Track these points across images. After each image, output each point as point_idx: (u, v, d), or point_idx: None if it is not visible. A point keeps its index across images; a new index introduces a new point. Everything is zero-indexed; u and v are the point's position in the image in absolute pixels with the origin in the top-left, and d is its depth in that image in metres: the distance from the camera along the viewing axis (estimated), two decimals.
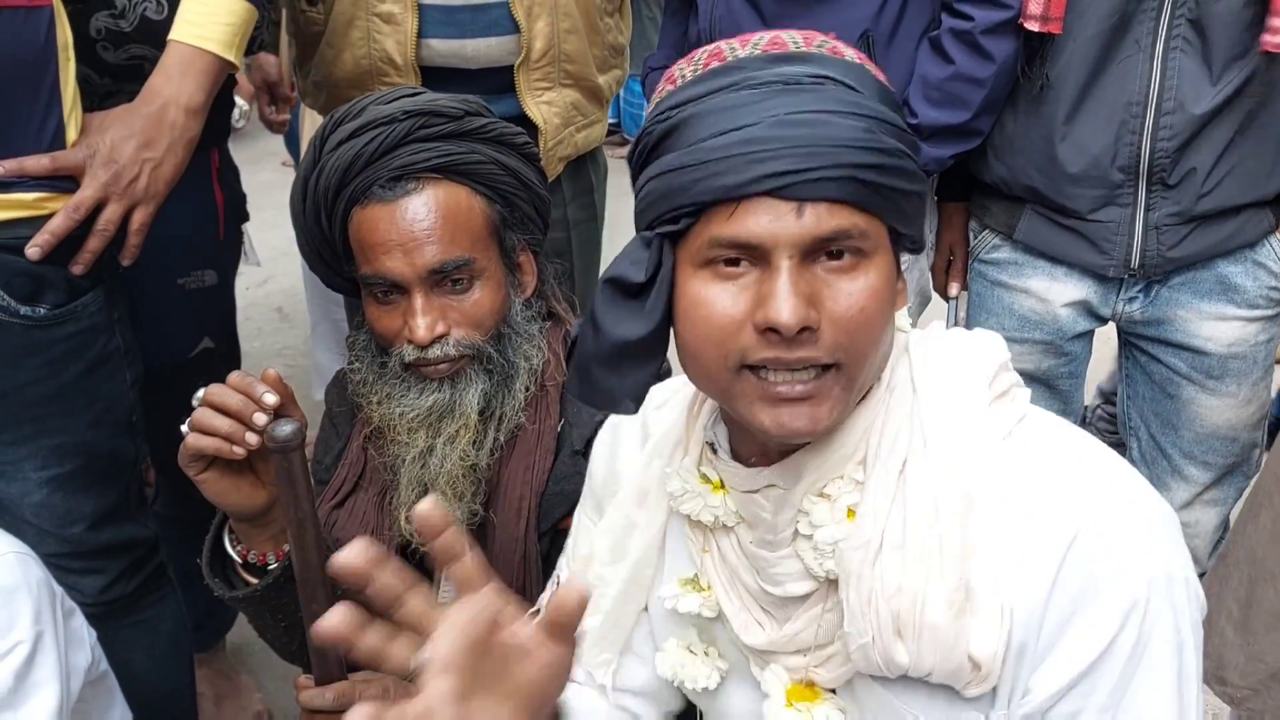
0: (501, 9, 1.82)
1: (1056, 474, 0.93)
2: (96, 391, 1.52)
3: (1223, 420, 1.74)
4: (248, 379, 1.20)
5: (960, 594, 0.89)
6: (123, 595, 1.66)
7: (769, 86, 0.87)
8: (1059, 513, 0.90)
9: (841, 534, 0.94)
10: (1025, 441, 0.95)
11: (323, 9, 1.87)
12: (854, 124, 0.86)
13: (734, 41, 0.93)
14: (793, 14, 1.74)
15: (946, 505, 0.90)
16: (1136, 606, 0.88)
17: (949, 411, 0.94)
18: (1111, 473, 0.94)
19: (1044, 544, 0.90)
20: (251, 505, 1.27)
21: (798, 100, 0.87)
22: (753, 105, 0.87)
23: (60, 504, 1.54)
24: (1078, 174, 1.65)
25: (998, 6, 1.61)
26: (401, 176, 1.32)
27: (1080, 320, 1.79)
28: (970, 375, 0.96)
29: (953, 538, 0.90)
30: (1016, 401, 0.99)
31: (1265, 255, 1.68)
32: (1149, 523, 0.91)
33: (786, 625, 1.01)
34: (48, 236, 1.38)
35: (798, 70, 0.88)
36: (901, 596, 0.90)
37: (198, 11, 1.48)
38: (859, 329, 0.88)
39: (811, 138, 0.85)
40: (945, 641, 0.89)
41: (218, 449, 1.19)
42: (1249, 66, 1.55)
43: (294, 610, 1.31)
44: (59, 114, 1.39)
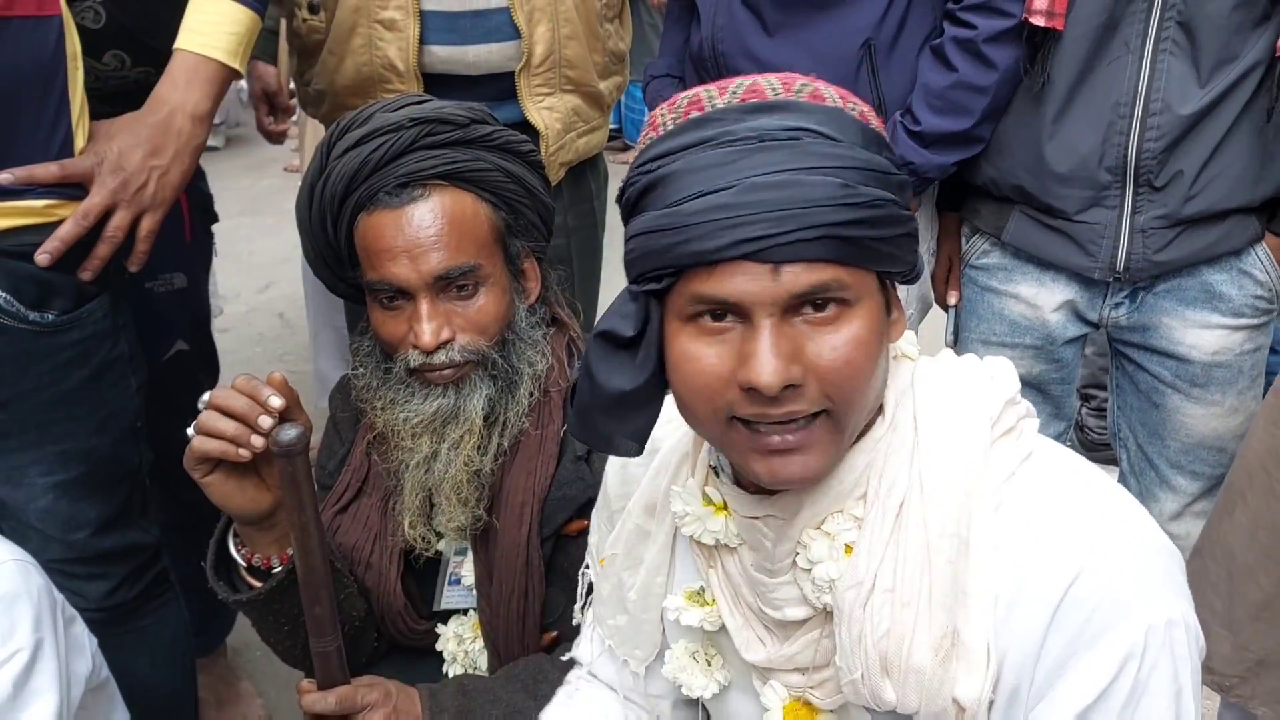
0: (503, 15, 1.83)
1: (1057, 516, 0.92)
2: (101, 397, 1.53)
3: (1209, 430, 1.75)
4: (253, 382, 1.21)
5: (947, 640, 0.90)
6: (126, 601, 1.66)
7: (744, 144, 0.88)
8: (1057, 556, 0.90)
9: (837, 572, 0.95)
10: (1028, 481, 0.95)
11: (324, 17, 1.88)
12: (829, 180, 0.86)
13: (713, 88, 0.93)
14: (795, 22, 1.74)
15: (939, 551, 0.91)
16: (1134, 654, 0.87)
17: (948, 455, 0.94)
18: (1114, 514, 0.93)
19: (1041, 587, 0.89)
20: (256, 509, 1.27)
21: (772, 159, 0.87)
22: (728, 165, 0.87)
23: (65, 509, 1.55)
24: (1065, 174, 1.66)
25: (1000, 15, 1.63)
26: (408, 183, 1.33)
27: (1070, 326, 1.80)
28: (973, 414, 0.96)
29: (942, 584, 0.91)
30: (1023, 438, 0.98)
31: (1251, 264, 1.68)
32: (1150, 567, 0.90)
33: (785, 645, 1.03)
34: (57, 243, 1.39)
35: (774, 124, 0.88)
36: (889, 639, 0.92)
37: (202, 20, 1.50)
38: (844, 380, 0.89)
39: (785, 200, 0.85)
40: (930, 684, 0.91)
41: (223, 452, 1.20)
42: (1237, 70, 1.57)
43: (297, 614, 1.32)
44: (68, 122, 1.40)
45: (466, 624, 1.51)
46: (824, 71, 1.71)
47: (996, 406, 0.97)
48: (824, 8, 1.72)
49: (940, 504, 0.92)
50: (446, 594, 1.52)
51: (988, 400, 0.97)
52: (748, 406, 0.89)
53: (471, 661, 1.50)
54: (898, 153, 1.71)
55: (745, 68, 1.81)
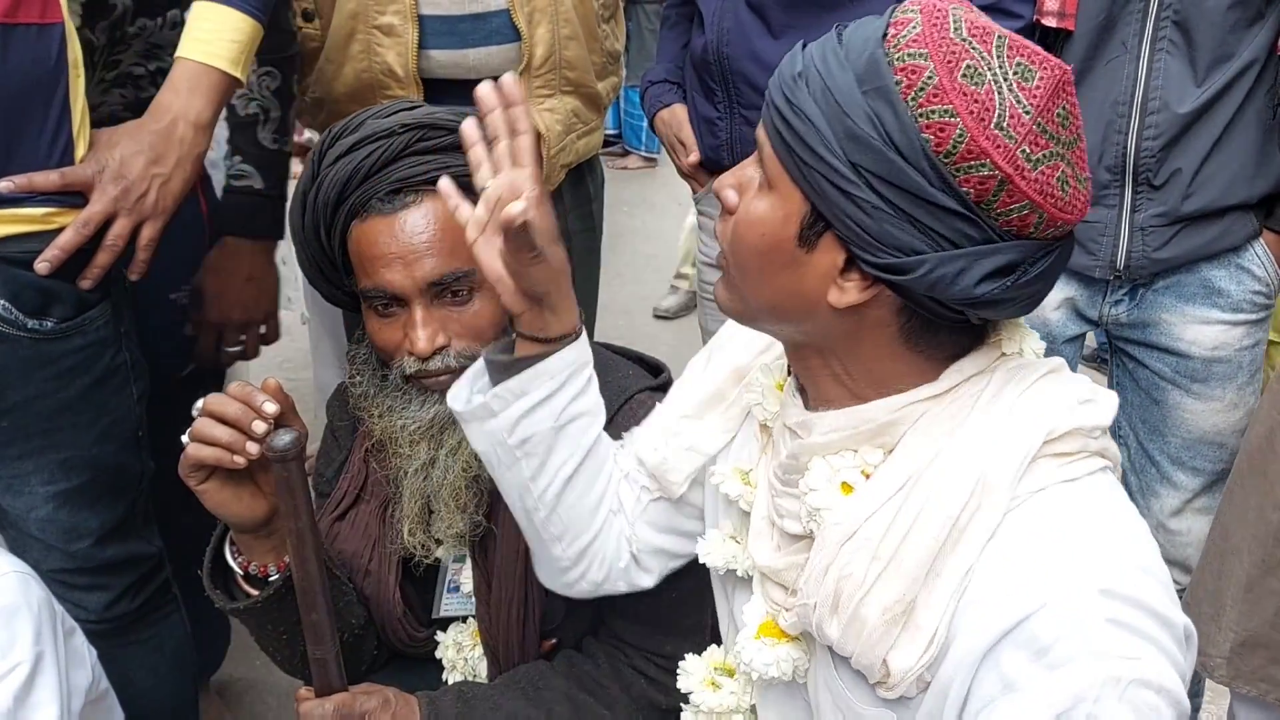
0: (502, 17, 1.83)
1: (1055, 543, 0.89)
2: (104, 405, 1.53)
3: (1209, 425, 1.75)
4: (247, 388, 1.21)
5: (900, 606, 0.92)
6: (128, 612, 1.66)
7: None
8: (1034, 580, 0.87)
9: (825, 503, 0.97)
10: (1055, 502, 0.91)
11: (319, 24, 1.87)
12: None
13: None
14: (800, 24, 1.74)
15: (930, 526, 0.91)
16: (1085, 698, 0.83)
17: (984, 446, 0.92)
18: (1130, 568, 0.88)
19: (1006, 602, 0.88)
20: (252, 516, 1.27)
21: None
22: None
23: (66, 519, 1.54)
24: None
25: (1010, 16, 1.63)
26: (400, 189, 1.32)
27: (1070, 324, 1.80)
28: (1031, 423, 0.93)
29: (918, 556, 0.91)
30: (1076, 464, 0.93)
31: (1249, 260, 1.68)
32: (1142, 627, 0.85)
33: (778, 555, 1.05)
34: (57, 251, 1.39)
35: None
36: (849, 581, 0.94)
37: (205, 29, 1.50)
38: (734, 247, 0.99)
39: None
40: (869, 637, 0.93)
41: (218, 459, 1.20)
42: (1234, 68, 1.57)
43: (295, 622, 1.31)
44: (69, 130, 1.40)
45: (466, 631, 1.50)
46: None
47: (1063, 425, 0.93)
48: (830, 9, 1.72)
49: (953, 486, 0.91)
50: (445, 601, 1.51)
51: (1059, 417, 0.93)
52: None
53: (471, 669, 1.49)
54: None
55: (751, 70, 1.81)
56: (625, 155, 6.46)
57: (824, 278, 0.93)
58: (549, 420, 1.15)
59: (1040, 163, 0.87)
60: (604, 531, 1.24)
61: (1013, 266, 0.89)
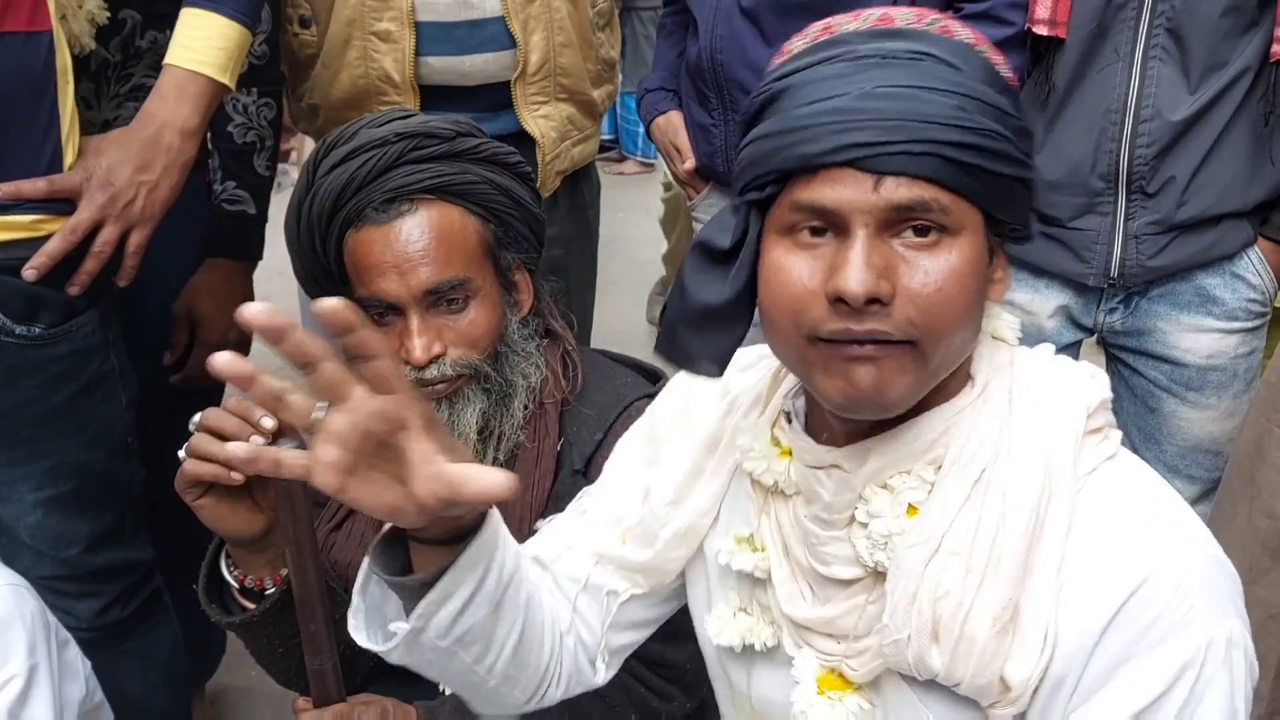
0: (498, 24, 1.83)
1: (1134, 517, 0.90)
2: (92, 412, 1.52)
3: (1204, 433, 1.75)
4: (245, 403, 1.19)
5: (1007, 613, 0.88)
6: (119, 620, 1.65)
7: (865, 60, 0.88)
8: (1129, 555, 0.88)
9: (896, 528, 0.93)
10: (1110, 479, 0.93)
11: (316, 31, 1.87)
12: (945, 101, 0.85)
13: (846, 17, 0.94)
14: (794, 30, 1.73)
15: (1016, 523, 0.89)
16: (1191, 665, 0.85)
17: (1040, 432, 0.92)
18: (1187, 528, 0.92)
19: (1108, 583, 0.88)
20: (249, 531, 1.26)
21: (891, 75, 0.86)
22: (847, 77, 0.87)
23: (56, 526, 1.54)
24: (1058, 181, 1.67)
25: (1002, 23, 1.62)
26: (395, 198, 1.32)
27: (1065, 331, 1.80)
28: (1070, 403, 0.94)
29: (1014, 556, 0.88)
30: (1109, 440, 0.96)
31: (1244, 268, 1.68)
32: (1218, 585, 0.89)
33: (827, 606, 1.00)
34: (44, 259, 1.38)
35: (898, 45, 0.88)
36: (947, 601, 0.89)
37: (192, 36, 1.50)
38: (934, 307, 0.86)
39: (897, 111, 0.84)
40: (981, 655, 0.88)
41: (216, 475, 1.19)
42: (1227, 76, 1.57)
43: (291, 635, 1.31)
44: (57, 137, 1.39)
45: None
46: None
47: (1094, 402, 0.95)
48: (823, 16, 1.72)
49: (1025, 477, 0.90)
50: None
51: (1085, 394, 0.95)
52: (832, 321, 0.86)
53: None
54: None
55: (745, 77, 1.81)
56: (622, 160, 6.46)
57: (989, 282, 0.93)
58: (485, 606, 0.95)
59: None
60: (554, 657, 1.12)
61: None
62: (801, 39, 0.95)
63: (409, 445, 0.79)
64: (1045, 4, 1.56)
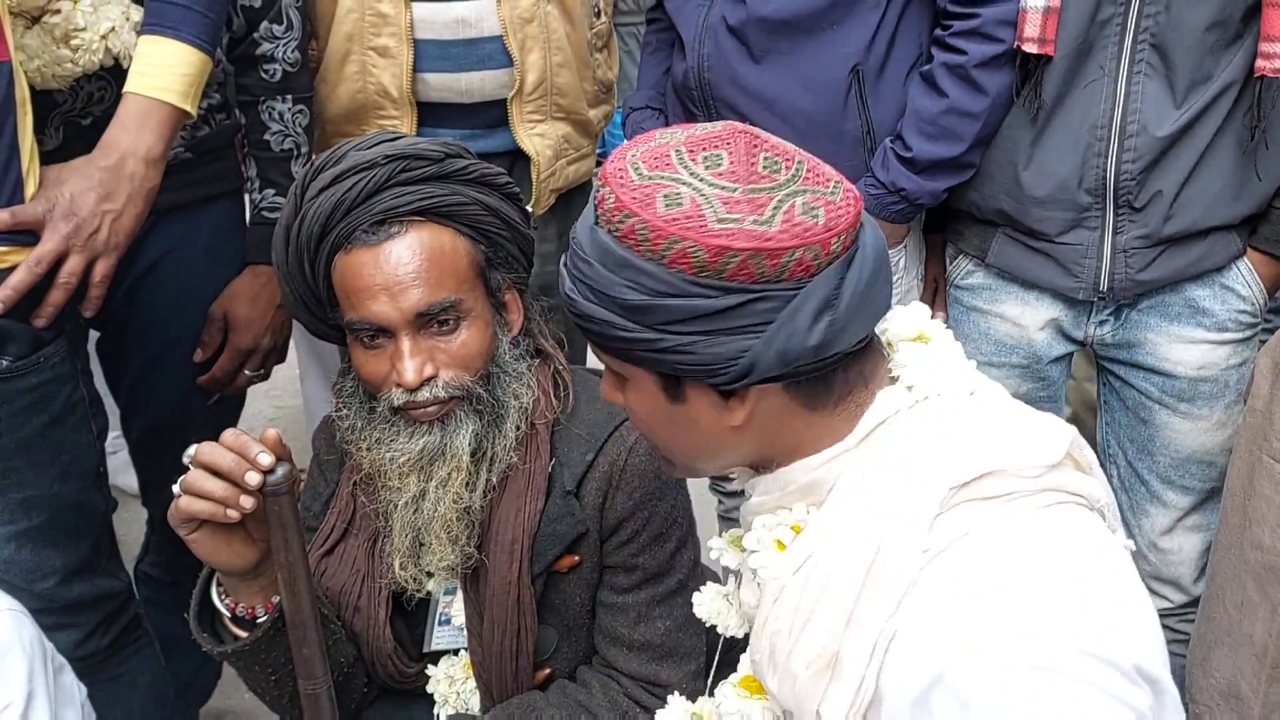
0: (495, 43, 1.84)
1: (980, 593, 0.87)
2: (62, 443, 1.50)
3: (1197, 444, 1.75)
4: (242, 438, 1.18)
5: (821, 660, 0.94)
6: (98, 650, 1.63)
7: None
8: (952, 633, 0.86)
9: (759, 562, 1.03)
10: (984, 548, 0.89)
11: (316, 46, 1.89)
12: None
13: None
14: (782, 48, 1.74)
15: (847, 576, 0.93)
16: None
17: (886, 504, 0.94)
18: (1051, 611, 0.85)
19: (916, 668, 0.88)
20: (243, 563, 1.25)
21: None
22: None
23: (29, 559, 1.51)
24: (1044, 197, 1.67)
25: (990, 40, 1.62)
26: (384, 220, 1.31)
27: (1055, 344, 1.80)
28: (933, 477, 0.93)
29: (837, 609, 0.93)
30: (1010, 505, 0.91)
31: (1233, 279, 1.69)
32: (1062, 671, 0.82)
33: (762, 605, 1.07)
34: (9, 291, 1.37)
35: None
36: (779, 636, 0.98)
37: (152, 63, 1.48)
38: (644, 435, 1.07)
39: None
40: (799, 690, 0.96)
41: (212, 514, 1.17)
42: (1212, 90, 1.57)
43: (284, 663, 1.30)
44: (18, 168, 1.37)
45: (458, 664, 1.49)
46: (813, 97, 1.74)
47: (972, 472, 0.92)
48: (811, 33, 1.72)
49: (859, 541, 0.94)
50: (437, 635, 1.50)
51: (966, 463, 0.93)
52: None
53: (464, 702, 1.48)
54: (889, 178, 1.70)
55: (732, 95, 1.81)
56: None
57: (713, 413, 1.00)
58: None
59: (775, 217, 0.91)
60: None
61: (828, 300, 0.93)
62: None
63: None
64: (1034, 22, 1.56)
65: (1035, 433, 0.97)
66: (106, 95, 1.59)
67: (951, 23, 1.66)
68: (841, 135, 1.75)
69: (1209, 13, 1.53)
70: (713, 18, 1.79)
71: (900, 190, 1.70)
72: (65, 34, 1.48)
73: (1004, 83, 1.64)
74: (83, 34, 1.49)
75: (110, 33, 1.51)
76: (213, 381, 1.83)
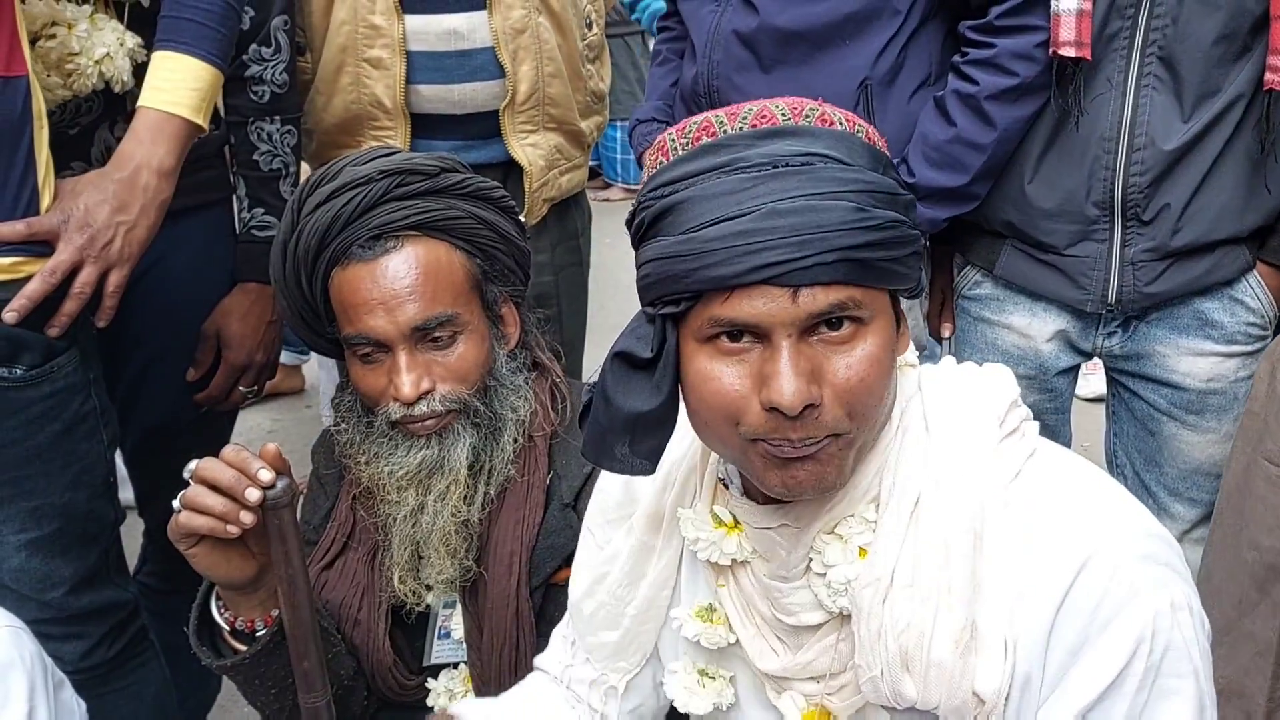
0: (487, 54, 1.85)
1: (1061, 510, 0.95)
2: (74, 452, 1.52)
3: (1204, 456, 1.73)
4: (242, 454, 1.18)
5: (966, 633, 0.92)
6: (104, 661, 1.63)
7: (759, 170, 0.89)
8: (1064, 547, 0.92)
9: (853, 573, 0.98)
10: (1034, 478, 0.97)
11: (310, 58, 1.90)
12: (844, 205, 0.88)
13: (722, 114, 0.95)
14: (792, 60, 1.73)
15: (956, 546, 0.93)
16: (1144, 639, 0.89)
17: (960, 452, 0.97)
18: (1113, 506, 0.96)
19: (1050, 577, 0.92)
20: (242, 577, 1.25)
21: (787, 185, 0.89)
22: (744, 191, 0.89)
23: (39, 568, 1.53)
24: (1051, 209, 1.65)
25: (1004, 73, 1.60)
26: (380, 235, 1.32)
27: (1063, 355, 1.79)
28: (981, 415, 0.99)
29: (961, 578, 0.93)
30: (1026, 437, 1.01)
31: (1243, 292, 1.67)
32: (1151, 554, 0.93)
33: (800, 653, 1.04)
34: (24, 301, 1.38)
35: (787, 149, 0.90)
36: (910, 633, 0.93)
37: (166, 79, 1.50)
38: (860, 398, 0.91)
39: (802, 226, 0.87)
40: (951, 677, 0.92)
41: (212, 529, 1.17)
42: (1220, 103, 1.55)
43: (283, 676, 1.30)
44: (34, 180, 1.39)
45: (457, 677, 1.49)
46: None
47: (1002, 408, 1.00)
48: (822, 46, 1.71)
49: (956, 501, 0.94)
50: (436, 648, 1.50)
51: (993, 402, 1.00)
52: (767, 425, 0.91)
53: None
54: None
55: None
56: (608, 188, 6.47)
57: (892, 346, 0.96)
58: None
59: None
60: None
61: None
62: (681, 137, 0.96)
63: None
64: (1069, 25, 1.52)
65: (992, 368, 1.06)
66: (94, 107, 1.61)
67: (969, 50, 1.64)
68: None
69: (1217, 25, 1.52)
70: (724, 25, 1.78)
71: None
72: (60, 58, 1.50)
73: (1014, 116, 1.62)
74: (77, 59, 1.51)
75: (105, 58, 1.52)
76: (208, 399, 1.84)
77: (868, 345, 0.91)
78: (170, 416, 1.83)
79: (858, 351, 0.91)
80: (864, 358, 0.91)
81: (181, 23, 1.51)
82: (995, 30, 1.59)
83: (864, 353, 0.91)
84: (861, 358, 0.91)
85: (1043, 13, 1.55)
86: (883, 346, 0.92)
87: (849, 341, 0.91)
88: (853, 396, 0.91)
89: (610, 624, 1.19)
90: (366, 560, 1.47)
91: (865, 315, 0.91)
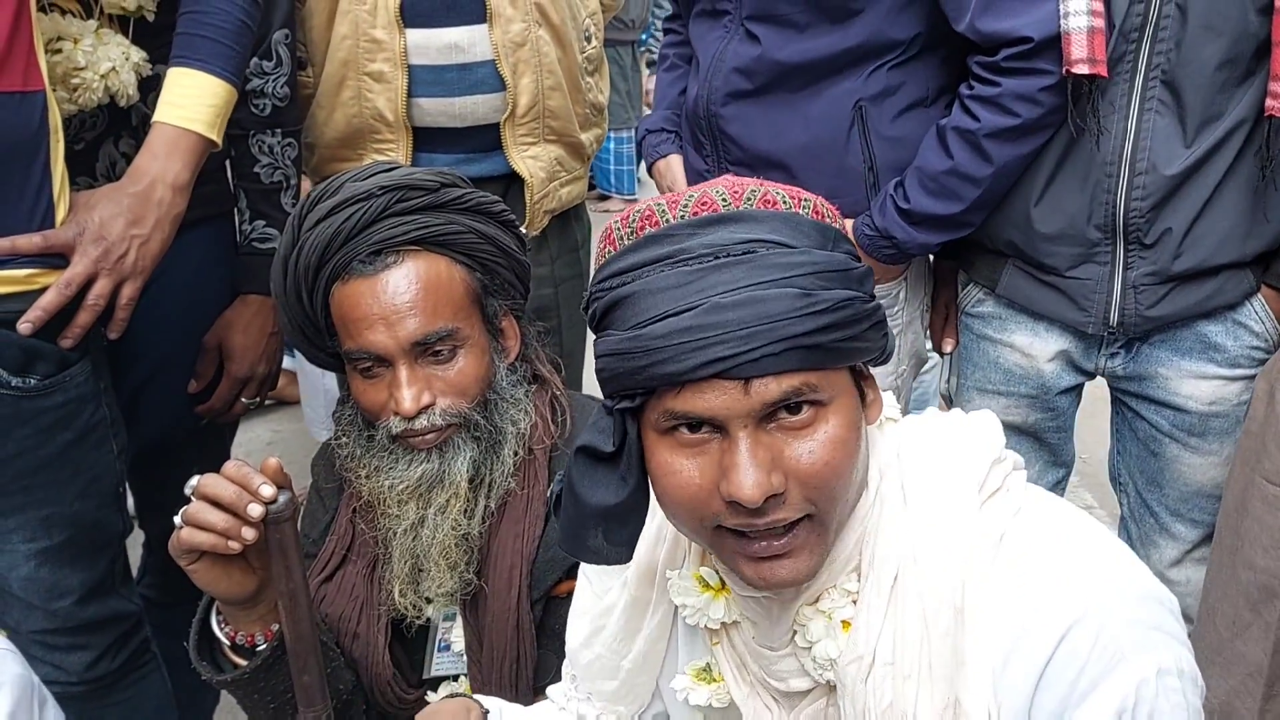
0: (487, 67, 1.86)
1: (1048, 572, 0.92)
2: (84, 461, 1.53)
3: (1206, 479, 1.72)
4: (244, 469, 1.18)
5: (949, 712, 0.91)
6: (108, 672, 1.64)
7: (700, 261, 0.88)
8: (1048, 611, 0.89)
9: (836, 650, 0.97)
10: (1019, 540, 0.94)
11: (312, 72, 1.91)
12: (789, 292, 0.87)
13: (664, 201, 0.94)
14: (791, 87, 1.74)
15: (936, 624, 0.92)
16: (1126, 708, 0.87)
17: (938, 527, 0.94)
18: (1103, 566, 0.92)
19: (1032, 643, 0.89)
20: (243, 591, 1.25)
21: (730, 276, 0.87)
22: (688, 285, 0.87)
23: (48, 577, 1.53)
24: (1053, 233, 1.65)
25: (1006, 113, 1.59)
26: (381, 250, 1.33)
27: (1065, 375, 1.78)
28: (959, 483, 0.96)
29: (942, 655, 0.92)
30: (1011, 493, 0.98)
31: (1246, 315, 1.65)
32: (1138, 617, 0.89)
33: (792, 714, 1.03)
34: (39, 312, 1.40)
35: (728, 237, 0.88)
36: (893, 711, 0.93)
37: (181, 95, 1.52)
38: (826, 481, 0.90)
39: (747, 318, 0.86)
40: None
41: (214, 545, 1.18)
42: (1223, 128, 1.55)
43: (283, 691, 1.30)
44: (50, 194, 1.41)
45: (458, 690, 1.49)
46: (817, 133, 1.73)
47: (983, 469, 0.97)
48: (817, 79, 1.71)
49: (935, 575, 0.93)
50: (436, 661, 1.50)
51: (973, 464, 0.98)
52: (732, 517, 0.90)
53: None
54: (883, 224, 1.69)
55: (737, 131, 1.80)
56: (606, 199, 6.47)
57: (859, 417, 0.94)
58: None
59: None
60: None
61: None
62: (625, 226, 0.94)
63: None
64: (1080, 44, 1.50)
65: (977, 422, 1.02)
66: (99, 121, 1.62)
67: (974, 85, 1.63)
68: (844, 170, 1.74)
69: (1220, 51, 1.51)
70: (728, 55, 1.79)
71: (891, 237, 1.70)
72: (66, 73, 1.51)
73: (1013, 154, 1.61)
74: (83, 73, 1.52)
75: (110, 72, 1.53)
76: (210, 411, 1.85)
77: (830, 428, 0.89)
78: (171, 428, 1.84)
79: (819, 435, 0.89)
80: (826, 441, 0.89)
81: (198, 39, 1.53)
82: (1002, 70, 1.58)
83: (826, 436, 0.89)
84: (824, 441, 0.89)
85: (1051, 57, 1.53)
86: (846, 426, 0.90)
87: (809, 426, 0.89)
88: (818, 481, 0.89)
89: (608, 674, 1.19)
90: (366, 573, 1.48)
91: (824, 397, 0.89)
